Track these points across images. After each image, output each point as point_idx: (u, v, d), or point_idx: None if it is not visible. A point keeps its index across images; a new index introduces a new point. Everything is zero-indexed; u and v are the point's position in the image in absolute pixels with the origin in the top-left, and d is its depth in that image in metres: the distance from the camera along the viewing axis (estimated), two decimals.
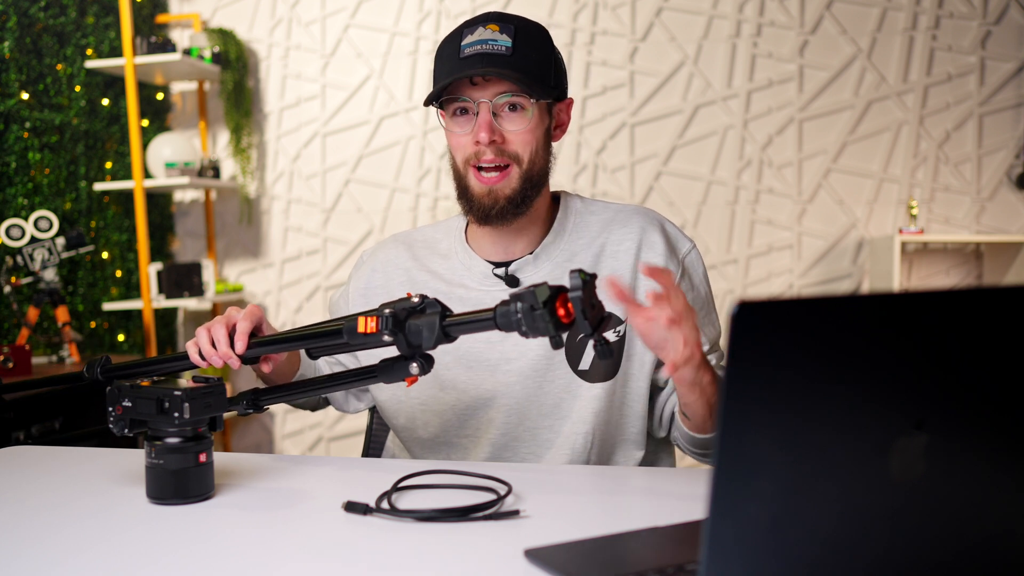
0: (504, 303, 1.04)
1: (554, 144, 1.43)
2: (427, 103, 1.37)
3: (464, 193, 1.38)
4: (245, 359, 1.24)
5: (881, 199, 3.79)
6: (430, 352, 1.13)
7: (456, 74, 1.31)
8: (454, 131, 1.37)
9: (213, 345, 1.23)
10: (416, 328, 1.08)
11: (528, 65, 1.32)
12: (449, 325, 1.08)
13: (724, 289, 3.83)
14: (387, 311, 1.09)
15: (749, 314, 0.57)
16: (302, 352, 1.46)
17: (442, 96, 1.35)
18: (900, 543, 0.66)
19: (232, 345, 1.22)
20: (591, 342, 1.05)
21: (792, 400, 0.60)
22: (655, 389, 1.43)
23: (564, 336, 1.04)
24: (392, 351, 1.14)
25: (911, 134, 3.76)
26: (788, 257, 3.84)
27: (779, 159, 3.81)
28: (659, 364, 1.41)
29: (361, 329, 1.10)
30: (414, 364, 1.12)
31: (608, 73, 3.85)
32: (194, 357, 1.24)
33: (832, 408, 0.62)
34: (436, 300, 1.10)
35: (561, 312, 1.01)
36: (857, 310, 0.63)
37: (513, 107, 1.33)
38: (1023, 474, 0.69)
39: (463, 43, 1.32)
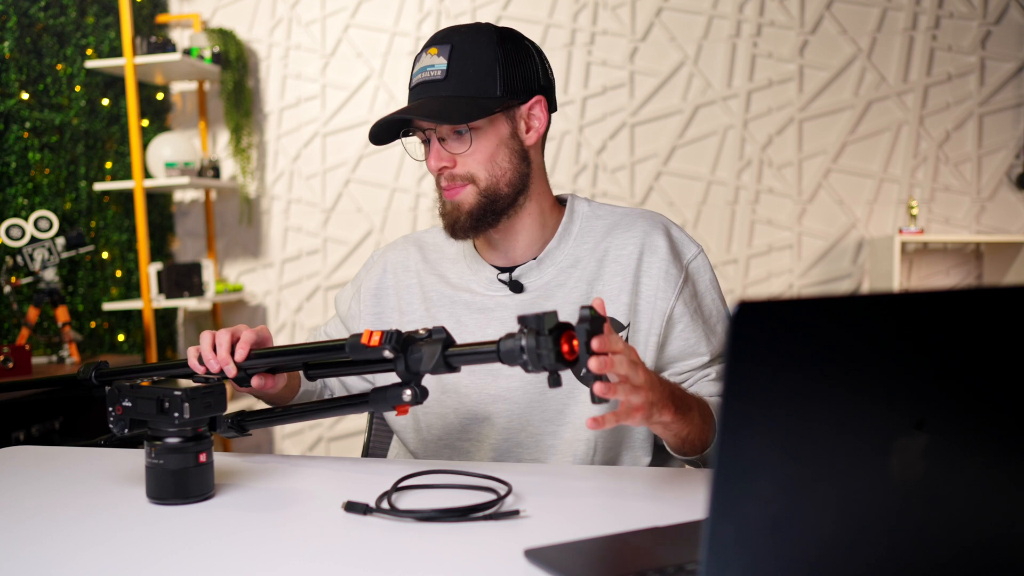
0: (509, 336, 1.03)
1: (530, 145, 1.38)
2: (384, 140, 1.40)
3: (440, 209, 1.42)
4: (241, 372, 1.24)
5: (881, 199, 3.80)
6: (426, 386, 1.13)
7: (398, 114, 1.32)
8: (419, 157, 1.42)
9: (215, 351, 1.24)
10: (418, 352, 1.08)
11: (463, 84, 1.31)
12: (451, 355, 1.07)
13: (724, 289, 3.83)
14: (394, 329, 1.10)
15: (749, 314, 0.57)
16: (303, 380, 1.46)
17: (402, 131, 1.39)
18: (900, 543, 0.66)
19: (233, 353, 1.23)
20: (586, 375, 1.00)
21: (792, 400, 0.60)
22: None
23: (562, 376, 1.02)
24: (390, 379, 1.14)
25: (911, 134, 3.76)
26: (788, 257, 3.84)
27: (779, 159, 3.81)
28: (660, 371, 1.40)
29: (364, 341, 1.10)
30: (408, 392, 1.11)
31: (608, 73, 3.85)
32: (192, 362, 1.25)
33: (832, 408, 0.62)
34: (443, 328, 1.09)
35: (565, 348, 1.00)
36: (857, 310, 0.63)
37: (459, 131, 1.33)
38: (1023, 474, 0.69)
39: (413, 70, 1.36)
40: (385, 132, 1.37)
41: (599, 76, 3.86)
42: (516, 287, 1.40)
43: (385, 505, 1.03)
